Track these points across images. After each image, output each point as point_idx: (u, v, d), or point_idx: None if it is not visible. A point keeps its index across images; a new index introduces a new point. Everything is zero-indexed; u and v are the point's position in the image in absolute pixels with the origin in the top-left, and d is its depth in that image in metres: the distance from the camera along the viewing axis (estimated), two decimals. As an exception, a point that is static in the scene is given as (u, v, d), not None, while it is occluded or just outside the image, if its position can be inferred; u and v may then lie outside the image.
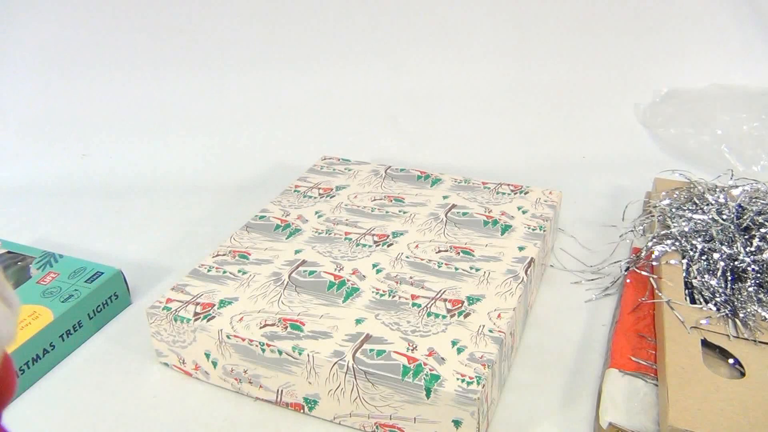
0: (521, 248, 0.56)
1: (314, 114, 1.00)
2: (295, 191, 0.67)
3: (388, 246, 0.57)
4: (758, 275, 0.53)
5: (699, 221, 0.59)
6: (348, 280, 0.52)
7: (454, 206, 0.63)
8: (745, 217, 0.58)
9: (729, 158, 0.83)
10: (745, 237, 0.57)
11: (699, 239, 0.57)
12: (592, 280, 0.61)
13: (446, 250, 0.56)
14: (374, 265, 0.54)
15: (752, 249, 0.55)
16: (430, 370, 0.42)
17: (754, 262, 0.54)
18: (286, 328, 0.46)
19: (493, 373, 0.43)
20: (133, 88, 1.01)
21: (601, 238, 0.68)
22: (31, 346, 0.51)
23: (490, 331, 0.46)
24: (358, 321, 0.47)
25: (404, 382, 0.41)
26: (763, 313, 0.49)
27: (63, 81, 1.01)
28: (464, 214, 0.62)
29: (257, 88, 1.02)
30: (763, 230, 0.56)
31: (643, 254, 0.59)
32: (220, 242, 0.58)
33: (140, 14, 1.02)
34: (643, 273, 0.57)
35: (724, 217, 0.59)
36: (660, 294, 0.52)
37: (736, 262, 0.54)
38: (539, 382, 0.50)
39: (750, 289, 0.52)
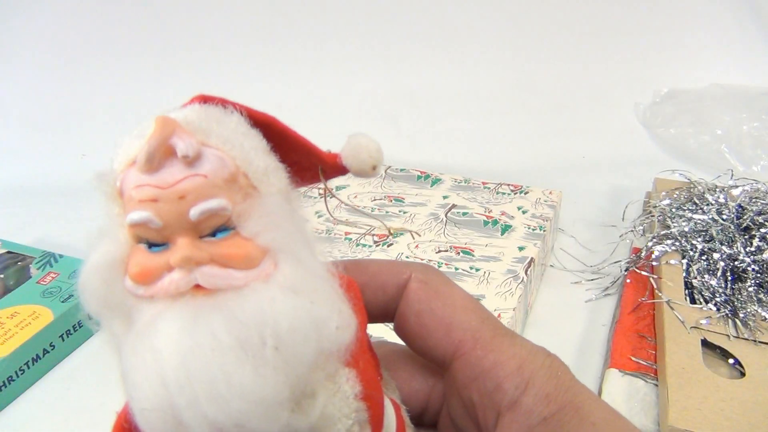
0: (521, 248, 0.56)
1: (314, 114, 1.00)
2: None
3: (388, 246, 0.57)
4: (758, 275, 0.53)
5: (699, 221, 0.59)
6: (348, 280, 0.52)
7: (454, 206, 0.63)
8: (745, 217, 0.58)
9: (729, 158, 0.83)
10: (745, 237, 0.57)
11: (699, 239, 0.57)
12: (592, 280, 0.61)
13: (446, 250, 0.56)
14: (374, 265, 0.54)
15: (752, 249, 0.55)
16: (430, 370, 0.42)
17: (754, 262, 0.54)
18: (286, 328, 0.46)
19: (493, 373, 0.43)
20: (134, 87, 1.01)
21: (601, 238, 0.68)
22: (31, 346, 0.51)
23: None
24: (358, 321, 0.47)
25: (404, 382, 0.41)
26: (763, 313, 0.49)
27: (63, 81, 1.01)
28: (464, 214, 0.62)
29: (257, 88, 1.02)
30: (763, 230, 0.56)
31: (643, 254, 0.59)
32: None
33: (141, 14, 1.02)
34: (643, 273, 0.57)
35: (724, 217, 0.59)
36: (660, 294, 0.52)
37: (736, 262, 0.54)
38: (539, 382, 0.50)
39: (750, 289, 0.52)
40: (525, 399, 0.20)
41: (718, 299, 0.51)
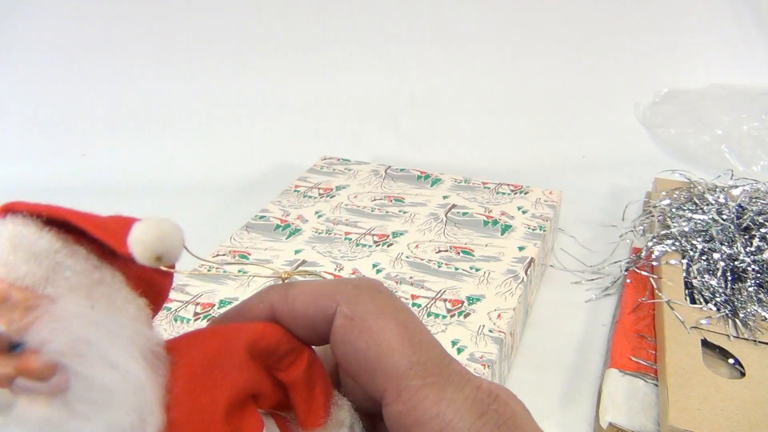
0: (521, 248, 0.56)
1: (314, 114, 1.00)
2: (295, 191, 0.67)
3: (388, 246, 0.57)
4: (758, 275, 0.53)
5: (699, 221, 0.59)
6: (348, 280, 0.52)
7: (454, 206, 0.63)
8: (745, 217, 0.58)
9: (729, 158, 0.83)
10: (745, 237, 0.57)
11: (699, 239, 0.57)
12: (592, 280, 0.61)
13: (446, 250, 0.56)
14: (374, 265, 0.54)
15: (752, 249, 0.55)
16: (430, 370, 0.42)
17: (754, 262, 0.54)
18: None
19: (493, 373, 0.43)
20: (134, 87, 1.01)
21: (601, 238, 0.68)
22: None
23: (490, 331, 0.46)
24: (358, 321, 0.47)
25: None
26: (763, 313, 0.49)
27: (63, 81, 1.01)
28: (464, 214, 0.62)
29: (257, 88, 1.02)
30: (763, 230, 0.56)
31: (643, 254, 0.59)
32: (220, 242, 0.58)
33: (141, 14, 1.02)
34: (643, 273, 0.57)
35: (724, 217, 0.59)
36: (660, 294, 0.52)
37: (736, 262, 0.54)
38: (539, 382, 0.50)
39: (750, 289, 0.52)
40: None
41: (718, 299, 0.51)
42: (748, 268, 0.53)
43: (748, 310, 0.49)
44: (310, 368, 0.21)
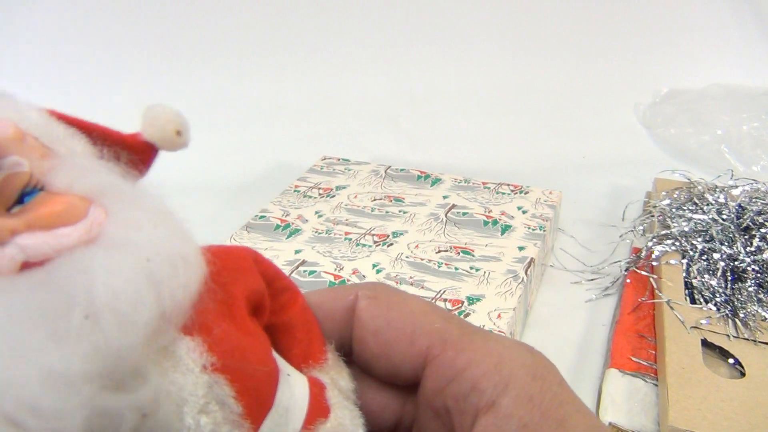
0: (521, 248, 0.56)
1: (314, 114, 1.00)
2: (295, 191, 0.67)
3: (388, 246, 0.57)
4: (758, 275, 0.53)
5: (699, 221, 0.59)
6: (348, 280, 0.52)
7: (454, 206, 0.63)
8: (745, 217, 0.58)
9: (729, 158, 0.83)
10: (745, 237, 0.57)
11: (699, 239, 0.57)
12: (592, 280, 0.61)
13: (446, 250, 0.56)
14: (374, 265, 0.54)
15: (752, 249, 0.55)
16: (430, 370, 0.42)
17: (754, 262, 0.54)
18: (286, 328, 0.46)
19: (493, 373, 0.43)
20: (133, 88, 1.01)
21: (601, 238, 0.68)
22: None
23: (490, 331, 0.46)
24: (358, 321, 0.47)
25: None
26: (763, 313, 0.49)
27: (63, 81, 1.01)
28: (464, 214, 0.62)
29: (257, 88, 1.02)
30: (763, 230, 0.56)
31: (643, 254, 0.59)
32: (220, 242, 0.58)
33: (141, 14, 1.02)
34: (643, 273, 0.57)
35: (724, 217, 0.59)
36: (660, 294, 0.52)
37: (736, 262, 0.54)
38: (539, 382, 0.50)
39: (750, 289, 0.52)
40: (504, 400, 0.18)
41: (718, 299, 0.51)
42: (748, 268, 0.53)
43: (748, 310, 0.49)
44: (306, 310, 0.21)
